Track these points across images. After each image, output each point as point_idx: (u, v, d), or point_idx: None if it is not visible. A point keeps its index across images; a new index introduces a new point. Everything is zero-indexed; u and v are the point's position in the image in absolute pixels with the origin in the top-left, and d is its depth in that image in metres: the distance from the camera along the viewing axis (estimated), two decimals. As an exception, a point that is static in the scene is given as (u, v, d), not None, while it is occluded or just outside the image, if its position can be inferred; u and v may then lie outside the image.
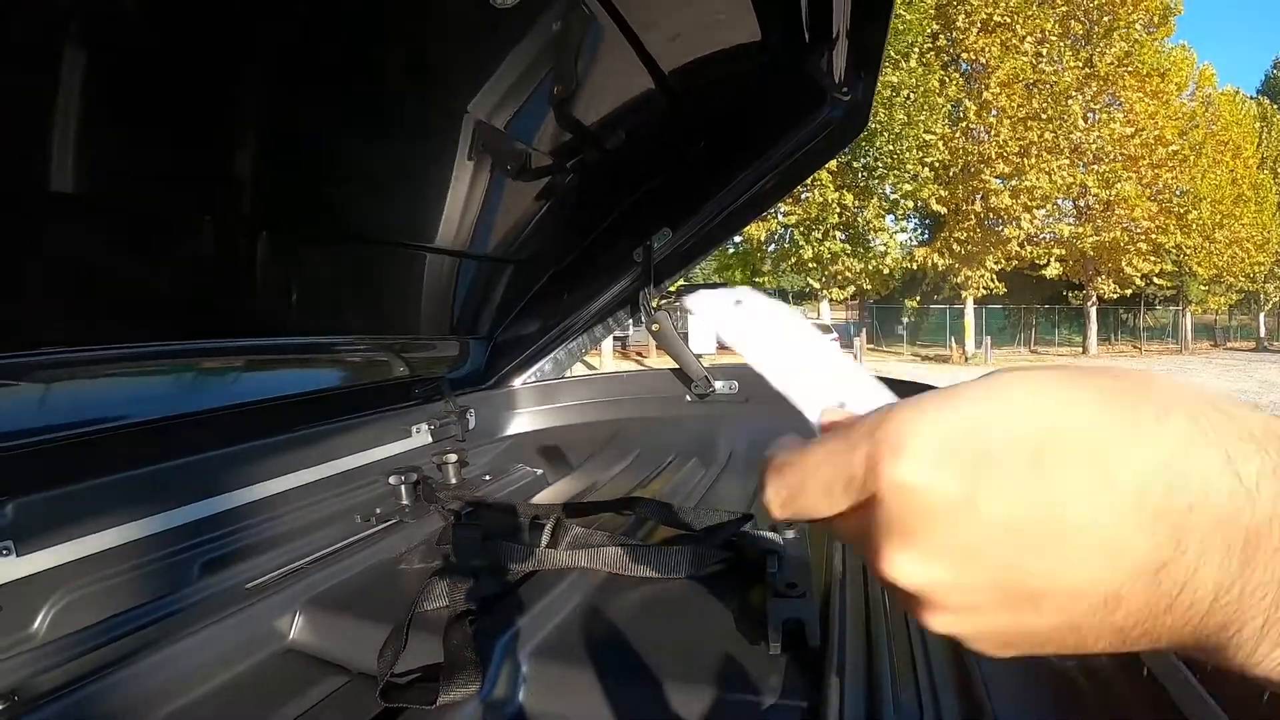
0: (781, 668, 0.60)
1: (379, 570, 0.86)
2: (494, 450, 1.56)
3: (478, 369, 1.71)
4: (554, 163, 1.33)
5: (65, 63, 0.64)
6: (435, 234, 1.28)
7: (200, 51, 0.74)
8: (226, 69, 0.78)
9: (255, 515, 1.01)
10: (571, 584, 0.77)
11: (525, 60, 1.04)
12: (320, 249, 1.14)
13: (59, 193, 0.71)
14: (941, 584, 0.25)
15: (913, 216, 21.13)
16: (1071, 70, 18.61)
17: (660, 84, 1.21)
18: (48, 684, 0.59)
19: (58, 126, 0.67)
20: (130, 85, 0.71)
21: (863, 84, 1.27)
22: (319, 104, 0.93)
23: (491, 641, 0.63)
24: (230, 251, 0.98)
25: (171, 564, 0.88)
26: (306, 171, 1.00)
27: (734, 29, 1.15)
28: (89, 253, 0.82)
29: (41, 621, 0.76)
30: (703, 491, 1.23)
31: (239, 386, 1.18)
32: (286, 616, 0.73)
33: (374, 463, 1.25)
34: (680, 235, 1.52)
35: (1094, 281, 21.90)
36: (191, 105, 0.78)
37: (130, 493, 0.87)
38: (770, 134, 1.41)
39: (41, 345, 0.81)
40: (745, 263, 21.58)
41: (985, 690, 0.57)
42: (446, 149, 1.14)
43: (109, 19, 0.64)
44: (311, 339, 1.27)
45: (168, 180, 0.83)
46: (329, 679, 0.64)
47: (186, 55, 0.73)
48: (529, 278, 1.66)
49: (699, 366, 1.63)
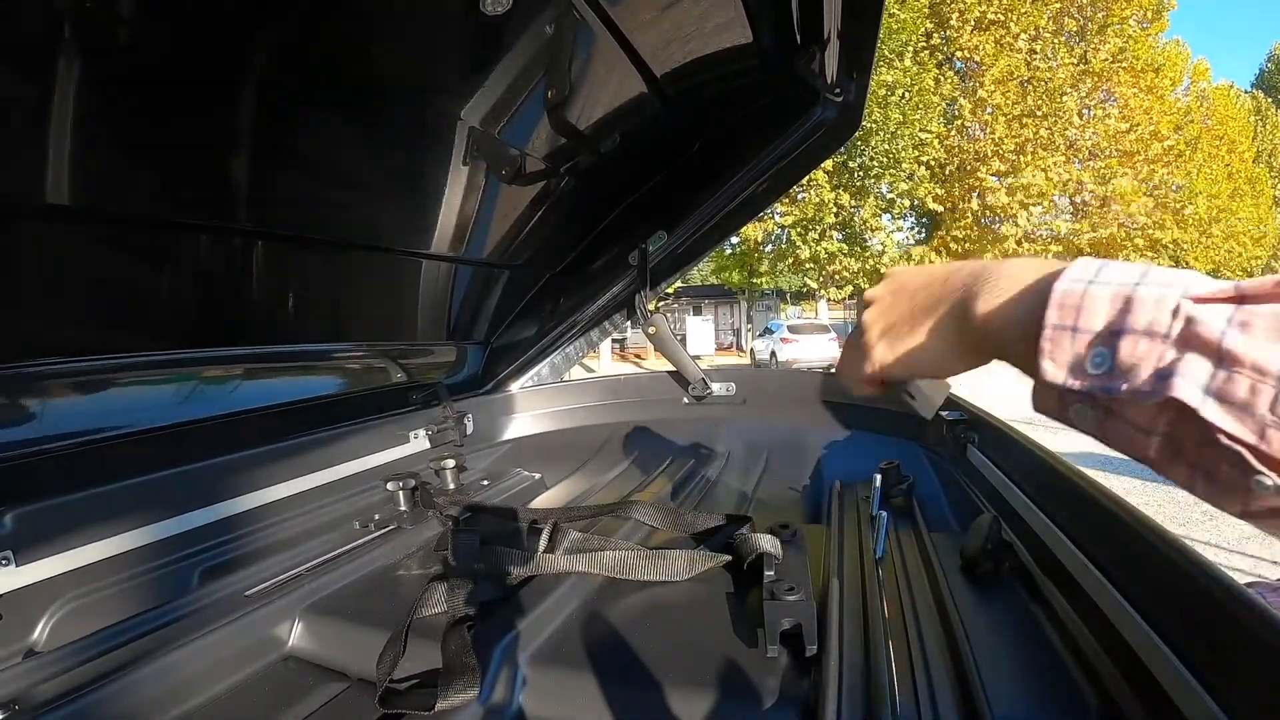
0: (779, 671, 0.61)
1: (377, 576, 0.87)
2: (492, 455, 1.56)
3: (475, 374, 1.71)
4: (548, 168, 1.34)
5: (65, 71, 0.64)
6: (431, 240, 1.28)
7: (197, 61, 0.74)
8: (223, 78, 0.79)
9: (254, 522, 1.01)
10: (569, 588, 0.77)
11: (518, 66, 1.04)
12: (316, 257, 1.14)
13: (57, 203, 0.71)
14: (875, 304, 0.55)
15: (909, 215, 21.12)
16: (1066, 67, 18.64)
17: (653, 87, 1.21)
18: (48, 693, 0.59)
19: (58, 135, 0.67)
20: (125, 95, 0.71)
21: (855, 85, 1.27)
22: (314, 114, 0.93)
23: (490, 647, 0.63)
24: (227, 260, 0.98)
25: (170, 572, 0.88)
26: (303, 180, 1.01)
27: (725, 32, 1.15)
28: (88, 263, 0.82)
29: (41, 630, 0.76)
30: (700, 494, 1.23)
31: (237, 394, 1.18)
32: (285, 623, 0.73)
33: (372, 469, 1.26)
34: (675, 238, 1.53)
35: (1092, 278, 21.87)
36: (188, 114, 0.79)
37: (129, 502, 0.87)
38: (763, 136, 1.41)
39: (40, 356, 0.82)
40: (742, 264, 21.60)
41: (983, 692, 0.57)
42: (442, 156, 1.14)
43: (107, 30, 0.65)
44: (309, 346, 1.27)
45: (163, 189, 0.83)
46: (328, 685, 0.65)
47: (183, 65, 0.73)
48: (525, 282, 1.66)
49: (696, 369, 1.63)
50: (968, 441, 1.15)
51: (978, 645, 0.64)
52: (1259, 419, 0.33)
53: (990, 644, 0.65)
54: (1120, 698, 0.56)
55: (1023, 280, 0.44)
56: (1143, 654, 0.56)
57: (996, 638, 0.67)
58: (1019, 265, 0.45)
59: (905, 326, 0.52)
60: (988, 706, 0.55)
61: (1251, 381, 0.33)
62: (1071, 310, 0.39)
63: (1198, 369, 0.35)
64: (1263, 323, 0.33)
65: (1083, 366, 0.39)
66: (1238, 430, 0.34)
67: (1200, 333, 0.34)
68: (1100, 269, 0.40)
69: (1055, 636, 0.67)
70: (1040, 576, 0.77)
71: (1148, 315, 0.37)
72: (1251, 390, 0.33)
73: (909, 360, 0.52)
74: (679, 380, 1.66)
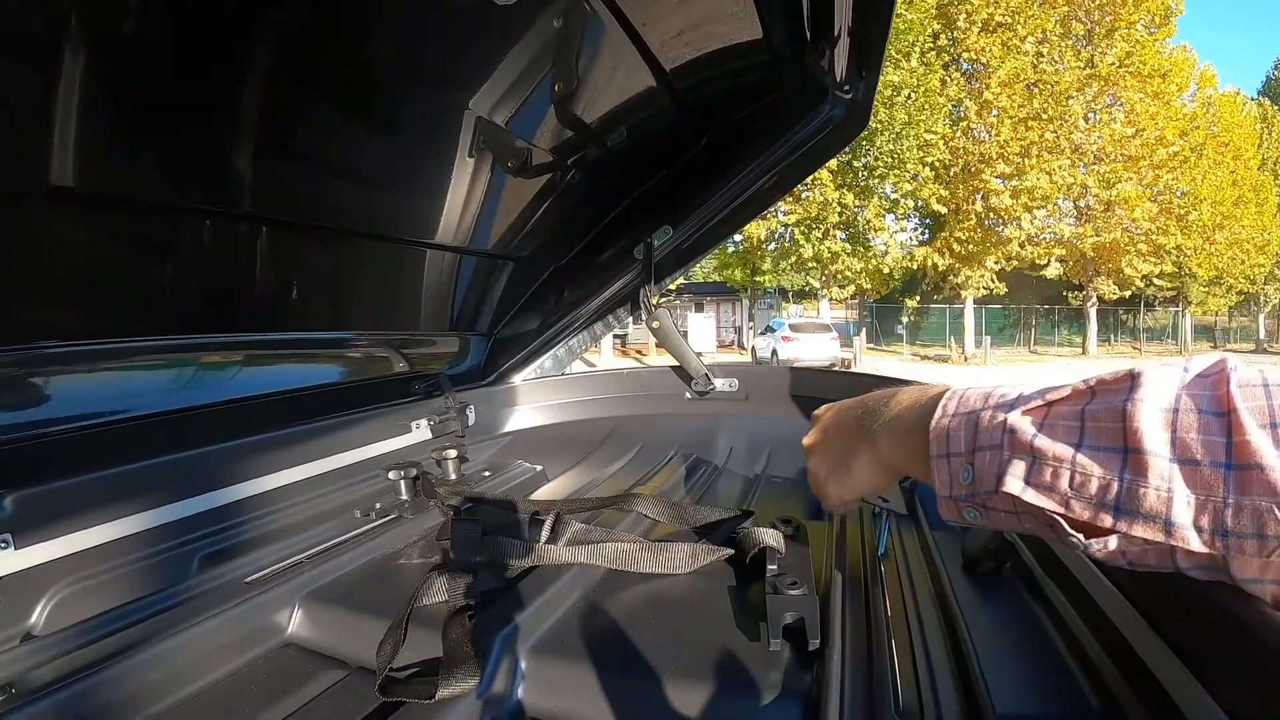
0: (781, 665, 0.60)
1: (378, 565, 0.86)
2: (494, 446, 1.56)
3: (478, 365, 1.71)
4: (555, 160, 1.33)
5: (65, 57, 0.64)
6: (436, 230, 1.28)
7: (201, 47, 0.74)
8: (228, 64, 0.78)
9: (255, 510, 1.01)
10: (570, 580, 0.77)
11: (526, 57, 1.04)
12: (321, 245, 1.14)
13: (57, 186, 0.71)
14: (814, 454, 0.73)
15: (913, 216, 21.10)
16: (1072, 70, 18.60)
17: (661, 81, 1.21)
18: (45, 677, 0.59)
19: (59, 121, 0.67)
20: (129, 80, 0.71)
21: (864, 83, 1.27)
22: (320, 100, 0.93)
23: (490, 636, 0.63)
24: (230, 246, 0.98)
25: (170, 558, 0.88)
26: (308, 167, 1.00)
27: (735, 26, 1.15)
28: (89, 247, 0.82)
29: (39, 614, 0.76)
30: (703, 488, 1.23)
31: (239, 381, 1.18)
32: (285, 611, 0.73)
33: (374, 458, 1.25)
34: (680, 233, 1.52)
35: (1094, 282, 21.91)
36: (192, 100, 0.78)
37: (129, 487, 0.87)
38: (771, 132, 1.40)
39: (40, 339, 0.81)
40: (745, 261, 21.59)
41: (985, 688, 0.57)
42: (449, 146, 1.14)
43: (109, 16, 0.64)
44: (312, 335, 1.27)
45: (165, 174, 0.83)
46: (328, 673, 0.64)
47: (187, 50, 0.73)
48: (529, 274, 1.66)
49: (699, 364, 1.63)
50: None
51: (979, 642, 0.64)
52: (1062, 494, 0.44)
53: (992, 641, 0.65)
54: (1121, 697, 0.56)
55: (906, 420, 0.58)
56: (1143, 653, 0.56)
57: (998, 635, 0.67)
58: (905, 402, 0.60)
59: (841, 469, 0.67)
60: (989, 703, 0.55)
61: (1053, 468, 0.44)
62: (942, 442, 0.52)
63: (1019, 466, 0.46)
64: (1061, 424, 0.45)
65: (959, 480, 0.51)
66: (1049, 504, 0.45)
67: (1019, 439, 0.46)
68: (958, 401, 0.53)
69: (1056, 635, 0.67)
70: (1042, 576, 0.77)
71: (985, 434, 0.49)
72: (1054, 475, 0.44)
73: (857, 489, 0.67)
74: (681, 375, 1.66)
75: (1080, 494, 0.43)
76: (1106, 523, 0.42)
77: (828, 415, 0.73)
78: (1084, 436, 0.43)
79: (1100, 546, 0.44)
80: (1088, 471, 0.43)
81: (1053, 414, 0.46)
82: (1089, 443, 0.43)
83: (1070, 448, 0.44)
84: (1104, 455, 0.42)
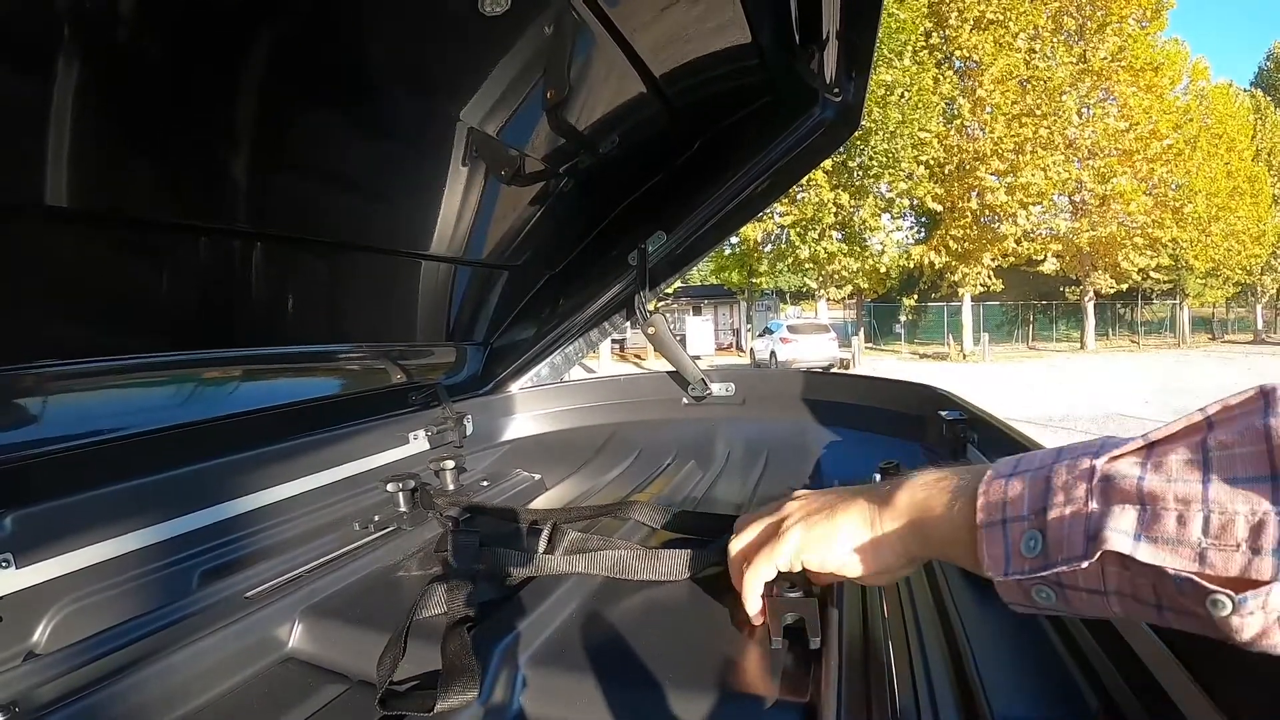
0: (781, 668, 0.60)
1: (377, 577, 0.86)
2: (491, 456, 1.56)
3: (475, 375, 1.71)
4: (547, 168, 1.34)
5: (65, 72, 0.64)
6: (430, 241, 1.28)
7: (194, 62, 0.74)
8: (221, 79, 0.79)
9: (253, 524, 1.01)
10: (569, 589, 0.77)
11: (517, 67, 1.04)
12: (316, 258, 1.14)
13: (55, 205, 0.71)
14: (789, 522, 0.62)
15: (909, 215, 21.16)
16: (1065, 66, 18.66)
17: (651, 87, 1.21)
18: (48, 695, 0.59)
19: (52, 137, 0.67)
20: (124, 96, 0.71)
21: (854, 84, 1.27)
22: (313, 114, 0.93)
23: (490, 647, 0.63)
24: (225, 261, 0.98)
25: (170, 574, 0.88)
26: (302, 181, 1.01)
27: (724, 32, 1.15)
28: (87, 264, 0.82)
29: (41, 633, 0.76)
30: (701, 493, 1.23)
31: (236, 396, 1.18)
32: (286, 625, 0.73)
33: (371, 470, 1.25)
34: (675, 238, 1.53)
35: (1091, 277, 21.93)
36: (186, 114, 0.79)
37: (129, 503, 0.87)
38: (763, 136, 1.41)
39: (37, 358, 0.82)
40: (742, 264, 21.63)
41: (984, 689, 0.57)
42: (441, 157, 1.14)
43: (106, 30, 0.65)
44: (308, 347, 1.27)
45: (158, 190, 0.83)
46: (328, 687, 0.65)
47: (181, 65, 0.73)
48: (524, 283, 1.66)
49: (695, 369, 1.63)
50: (967, 441, 1.15)
51: (977, 644, 0.64)
52: (1193, 545, 0.34)
53: (990, 643, 0.65)
54: (1120, 699, 0.56)
55: (925, 484, 0.52)
56: (1143, 654, 0.56)
57: (996, 637, 0.67)
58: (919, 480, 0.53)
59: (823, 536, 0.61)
60: (987, 703, 0.55)
61: (1178, 512, 0.35)
62: (996, 506, 0.42)
63: (1124, 518, 0.36)
64: (1175, 459, 0.36)
65: (1019, 551, 0.41)
66: (1176, 562, 0.35)
67: (1119, 485, 0.37)
68: (1014, 461, 0.44)
69: (1055, 636, 0.67)
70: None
71: (1062, 489, 0.39)
72: (1179, 520, 0.35)
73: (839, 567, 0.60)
74: (678, 380, 1.66)
75: (1221, 540, 0.33)
76: (1267, 574, 0.32)
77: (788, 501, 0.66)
78: (1211, 470, 0.35)
79: (1257, 606, 0.33)
80: (1228, 509, 0.33)
81: (1158, 452, 0.37)
82: (1221, 476, 0.34)
83: (1197, 484, 0.35)
84: (1247, 486, 0.33)
